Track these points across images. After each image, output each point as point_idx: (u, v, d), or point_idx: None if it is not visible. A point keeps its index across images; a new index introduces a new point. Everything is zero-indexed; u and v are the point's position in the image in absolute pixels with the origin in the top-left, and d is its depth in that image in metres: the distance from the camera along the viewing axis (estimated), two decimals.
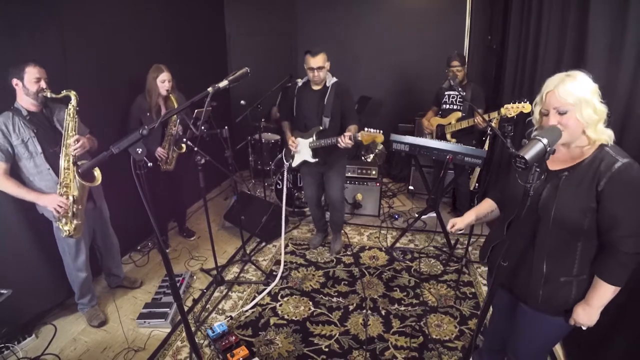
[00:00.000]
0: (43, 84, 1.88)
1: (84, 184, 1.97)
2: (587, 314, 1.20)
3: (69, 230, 1.98)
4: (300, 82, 2.67)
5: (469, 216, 1.52)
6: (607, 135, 1.13)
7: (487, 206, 1.52)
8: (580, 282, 1.21)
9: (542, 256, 1.23)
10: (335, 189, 2.77)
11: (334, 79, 2.56)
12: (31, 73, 1.85)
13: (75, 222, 1.98)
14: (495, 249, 1.41)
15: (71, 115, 1.94)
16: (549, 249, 1.22)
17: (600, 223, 1.14)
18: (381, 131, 2.35)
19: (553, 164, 1.23)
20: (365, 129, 2.36)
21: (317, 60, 2.42)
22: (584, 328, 1.25)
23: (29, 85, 1.86)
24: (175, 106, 2.67)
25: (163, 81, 2.61)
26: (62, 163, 1.93)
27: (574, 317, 1.23)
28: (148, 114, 2.64)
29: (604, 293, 1.16)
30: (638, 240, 1.11)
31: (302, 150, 2.69)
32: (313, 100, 2.57)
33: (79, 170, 1.93)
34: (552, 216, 1.16)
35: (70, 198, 1.94)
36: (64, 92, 1.92)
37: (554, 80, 1.14)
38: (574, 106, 1.10)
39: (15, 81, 1.85)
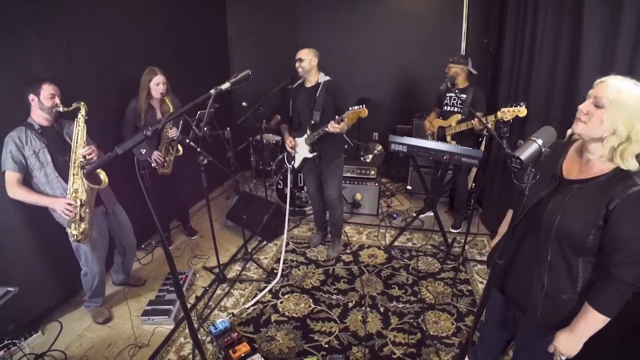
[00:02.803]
0: (57, 100, 1.98)
1: (91, 186, 2.01)
2: (570, 343, 1.12)
3: (76, 235, 2.01)
4: (295, 84, 2.76)
5: (499, 235, 1.50)
6: (630, 164, 1.01)
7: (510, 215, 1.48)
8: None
9: (544, 268, 1.16)
10: (332, 189, 2.81)
11: (327, 77, 2.63)
12: (47, 90, 1.94)
13: (82, 225, 2.01)
14: (493, 247, 1.42)
15: (81, 124, 2.01)
16: (550, 262, 1.14)
17: (603, 243, 1.06)
18: (363, 105, 2.36)
19: (570, 172, 1.16)
20: (350, 108, 2.38)
21: (300, 53, 2.54)
22: (563, 359, 1.16)
23: (44, 100, 1.95)
24: (171, 108, 2.67)
25: (157, 84, 2.59)
26: (72, 169, 1.99)
27: (555, 343, 1.15)
28: (142, 117, 2.62)
29: (593, 322, 1.08)
30: (638, 269, 1.03)
31: (301, 149, 2.75)
32: (305, 96, 2.65)
33: (85, 171, 1.98)
34: (555, 227, 1.10)
35: (78, 202, 1.99)
36: (74, 105, 2.00)
37: (616, 76, 1.04)
38: (610, 105, 0.99)
39: (31, 97, 1.94)
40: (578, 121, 1.08)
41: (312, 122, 2.61)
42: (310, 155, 2.72)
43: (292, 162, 2.89)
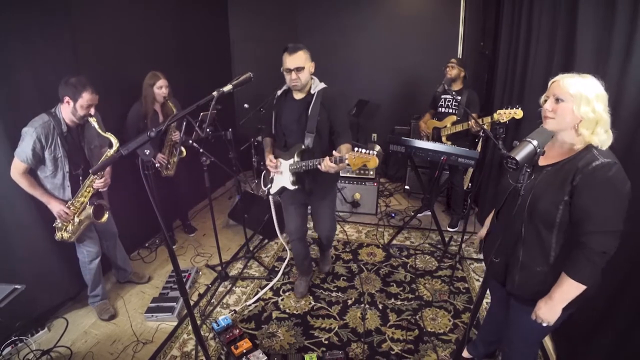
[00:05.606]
0: (92, 111, 1.95)
1: (94, 220, 2.10)
2: (548, 309, 1.20)
3: (61, 235, 2.09)
4: (279, 91, 2.12)
5: (485, 226, 1.61)
6: (601, 139, 1.12)
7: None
8: (558, 274, 1.20)
9: (519, 243, 1.25)
10: (326, 221, 2.33)
11: (322, 85, 2.02)
12: (86, 99, 1.90)
13: (69, 234, 2.10)
14: (488, 240, 1.48)
15: (107, 157, 2.07)
16: (524, 237, 1.24)
17: (571, 216, 1.14)
18: (373, 152, 1.70)
19: (543, 160, 1.26)
20: (355, 149, 1.72)
21: (295, 59, 1.87)
22: (544, 324, 1.24)
23: (79, 108, 1.92)
24: (174, 111, 2.70)
25: (160, 87, 2.64)
26: (84, 188, 2.06)
27: (536, 310, 1.24)
28: (145, 120, 2.67)
29: (567, 289, 1.16)
30: (605, 238, 1.11)
31: (283, 173, 2.13)
32: (294, 112, 2.03)
33: (90, 171, 2.04)
34: (527, 205, 1.19)
35: (77, 219, 2.07)
36: (108, 134, 2.02)
37: (564, 75, 1.17)
38: (573, 98, 1.11)
39: (67, 99, 1.91)
40: (547, 119, 1.18)
41: (303, 147, 2.01)
42: (291, 188, 2.09)
43: (269, 186, 2.28)
